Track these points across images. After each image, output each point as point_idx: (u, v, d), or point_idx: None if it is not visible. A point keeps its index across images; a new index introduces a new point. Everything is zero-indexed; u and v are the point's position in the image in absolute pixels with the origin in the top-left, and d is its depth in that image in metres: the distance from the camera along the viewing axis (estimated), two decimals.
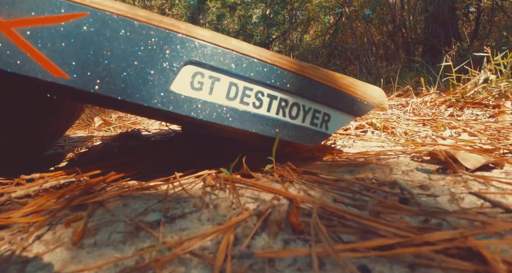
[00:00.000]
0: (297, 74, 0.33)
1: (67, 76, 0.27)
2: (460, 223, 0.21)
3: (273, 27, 13.32)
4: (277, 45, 14.43)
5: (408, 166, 0.40)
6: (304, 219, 0.23)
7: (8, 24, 0.25)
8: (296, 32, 11.89)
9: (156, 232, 0.24)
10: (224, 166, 0.39)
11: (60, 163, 0.54)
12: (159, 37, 0.28)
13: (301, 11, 9.93)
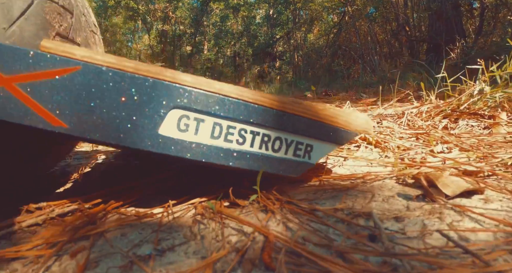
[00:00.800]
0: (278, 110, 0.35)
1: (65, 125, 0.29)
2: (415, 266, 0.23)
3: (277, 27, 13.33)
4: (281, 45, 14.43)
5: (391, 191, 0.41)
6: (276, 255, 0.25)
7: (9, 80, 0.28)
8: (300, 32, 11.88)
9: (147, 267, 0.27)
10: (214, 192, 0.42)
11: (66, 185, 0.57)
12: (146, 85, 0.30)
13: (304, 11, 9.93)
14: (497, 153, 0.54)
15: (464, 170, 0.45)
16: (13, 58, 0.28)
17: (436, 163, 0.52)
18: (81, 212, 0.38)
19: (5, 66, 0.28)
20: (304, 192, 0.42)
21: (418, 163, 0.52)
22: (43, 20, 0.41)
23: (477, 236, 0.28)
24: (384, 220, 0.32)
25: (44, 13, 0.42)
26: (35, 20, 0.40)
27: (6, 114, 0.28)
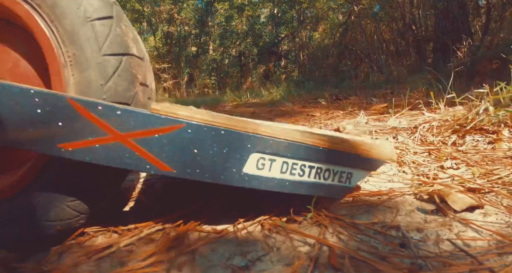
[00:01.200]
0: (329, 149, 0.47)
1: (172, 170, 0.42)
2: (434, 265, 0.35)
3: (282, 26, 13.40)
4: (286, 43, 14.49)
5: (411, 206, 0.53)
6: (339, 260, 0.38)
7: (126, 136, 0.40)
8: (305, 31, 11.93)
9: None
10: (271, 211, 0.54)
11: (129, 203, 0.70)
12: (235, 137, 0.43)
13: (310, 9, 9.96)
14: (497, 169, 0.66)
15: (469, 188, 0.57)
16: (128, 119, 0.40)
17: (446, 180, 0.63)
18: (167, 234, 0.51)
19: (121, 125, 0.40)
20: (344, 208, 0.54)
21: (431, 179, 0.64)
22: (131, 74, 0.52)
23: (476, 243, 0.40)
24: (409, 231, 0.44)
25: (131, 68, 0.53)
26: (125, 75, 0.51)
27: (124, 164, 0.40)
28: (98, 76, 0.44)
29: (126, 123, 0.40)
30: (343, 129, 1.18)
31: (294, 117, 1.89)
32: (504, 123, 0.91)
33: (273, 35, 13.62)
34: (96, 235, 0.51)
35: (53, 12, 0.43)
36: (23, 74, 0.49)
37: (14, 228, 0.44)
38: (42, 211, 0.44)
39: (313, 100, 3.45)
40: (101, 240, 0.50)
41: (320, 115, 1.92)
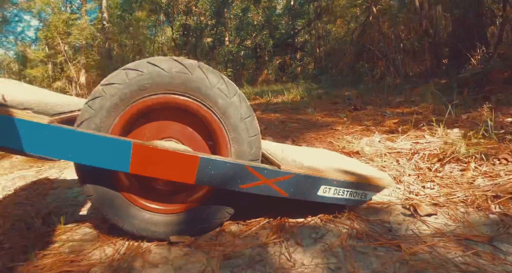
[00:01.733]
0: (357, 182, 0.96)
1: (286, 194, 0.91)
2: (403, 239, 0.84)
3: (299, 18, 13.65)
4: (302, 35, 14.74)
5: (398, 211, 1.02)
6: (360, 235, 0.87)
7: (270, 180, 0.90)
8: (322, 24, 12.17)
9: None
10: (324, 212, 1.04)
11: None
12: (314, 178, 0.91)
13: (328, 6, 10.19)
14: (456, 191, 1.14)
15: (433, 203, 1.06)
16: (270, 173, 0.89)
17: (422, 197, 1.12)
18: (273, 224, 1.01)
19: (268, 175, 0.89)
20: (362, 211, 1.04)
21: (414, 195, 1.13)
22: (259, 144, 0.99)
23: (424, 232, 0.89)
24: (394, 224, 0.94)
25: (259, 141, 1.01)
26: (258, 145, 0.93)
27: (266, 192, 0.90)
28: (247, 148, 0.92)
29: (268, 174, 0.89)
30: (361, 152, 1.67)
31: (321, 131, 2.36)
32: (473, 157, 1.37)
33: (290, 27, 13.93)
34: (231, 225, 1.02)
35: (224, 114, 0.91)
36: (195, 143, 0.97)
37: (198, 223, 0.95)
38: (214, 214, 0.94)
39: (333, 106, 3.90)
40: (236, 228, 1.01)
41: (341, 129, 2.40)
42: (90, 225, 1.11)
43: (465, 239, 0.84)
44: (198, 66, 0.85)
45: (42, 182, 1.76)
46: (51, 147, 0.77)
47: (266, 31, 13.76)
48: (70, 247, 0.96)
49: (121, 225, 0.90)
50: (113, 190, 0.87)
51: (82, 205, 1.38)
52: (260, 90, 9.13)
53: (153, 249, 0.90)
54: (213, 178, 0.83)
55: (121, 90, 0.81)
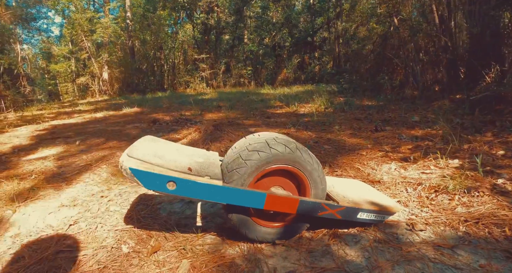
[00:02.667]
0: (380, 210, 1.76)
1: (341, 217, 1.72)
2: (402, 242, 1.65)
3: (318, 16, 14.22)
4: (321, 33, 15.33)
5: (403, 227, 1.83)
6: (380, 238, 1.68)
7: (333, 211, 1.70)
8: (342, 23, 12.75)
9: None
10: (358, 226, 1.84)
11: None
12: (356, 208, 1.71)
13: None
14: (441, 215, 1.93)
15: (425, 222, 1.86)
16: (334, 207, 1.69)
17: (419, 218, 1.92)
18: (328, 235, 1.83)
19: (332, 207, 1.69)
20: (380, 226, 1.84)
21: (415, 217, 1.93)
22: (325, 188, 1.82)
23: (413, 239, 1.69)
24: (399, 234, 1.74)
25: (326, 185, 1.82)
26: (324, 190, 1.80)
27: (329, 217, 1.70)
28: (320, 192, 1.72)
29: (332, 207, 1.70)
30: (381, 181, 2.47)
31: (349, 156, 3.15)
32: (458, 190, 2.15)
33: (309, 25, 14.53)
34: (305, 233, 1.85)
35: (310, 174, 1.68)
36: (289, 187, 1.77)
37: (290, 232, 1.76)
38: (299, 227, 1.76)
39: (356, 123, 4.66)
40: (309, 235, 1.83)
41: (366, 154, 3.19)
42: (213, 234, 1.90)
43: (437, 246, 1.63)
44: (297, 149, 1.65)
45: (144, 198, 2.47)
46: (221, 197, 1.56)
47: (285, 30, 14.41)
48: (211, 248, 1.77)
49: (250, 236, 1.72)
50: (247, 216, 1.70)
51: (193, 218, 2.19)
52: (281, 92, 9.87)
53: (264, 248, 1.73)
54: (304, 210, 1.65)
55: (257, 163, 1.61)
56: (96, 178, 3.03)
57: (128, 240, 1.85)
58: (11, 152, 4.24)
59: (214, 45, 14.11)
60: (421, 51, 7.51)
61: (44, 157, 3.87)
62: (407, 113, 4.92)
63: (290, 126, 4.74)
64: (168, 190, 1.50)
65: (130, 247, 1.77)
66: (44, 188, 2.76)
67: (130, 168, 1.45)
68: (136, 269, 1.58)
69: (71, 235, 1.91)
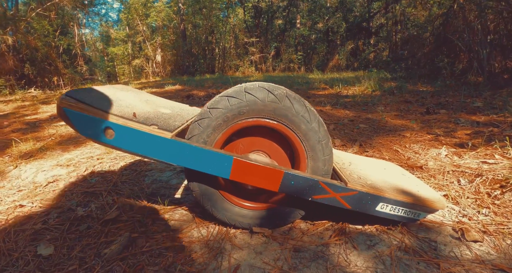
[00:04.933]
0: (412, 203, 1.13)
1: (350, 207, 1.12)
2: (447, 256, 1.01)
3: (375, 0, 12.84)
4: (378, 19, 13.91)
5: (447, 232, 1.17)
6: (408, 244, 1.05)
7: (336, 194, 1.11)
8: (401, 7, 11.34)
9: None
10: (381, 223, 1.23)
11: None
12: (374, 196, 1.11)
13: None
14: (510, 222, 1.23)
15: (482, 230, 1.18)
16: (337, 188, 1.10)
17: (475, 222, 1.24)
18: (335, 227, 1.23)
19: (336, 190, 1.11)
20: (413, 227, 1.20)
21: (467, 219, 1.25)
22: (332, 161, 1.23)
23: (465, 256, 1.03)
24: (439, 243, 1.09)
25: (332, 160, 1.23)
26: (330, 163, 1.21)
27: (333, 204, 1.12)
28: (322, 165, 1.14)
29: (337, 189, 1.11)
30: (425, 167, 1.77)
31: (388, 137, 2.46)
32: None
33: (365, 10, 13.21)
34: (300, 223, 1.27)
35: (305, 136, 1.13)
36: (278, 156, 1.22)
37: (276, 219, 1.21)
38: (288, 213, 1.19)
39: (405, 105, 3.84)
40: (304, 226, 1.26)
41: (410, 136, 2.46)
42: (186, 208, 1.44)
43: (500, 270, 0.97)
44: (286, 96, 1.07)
45: (138, 164, 2.18)
46: (171, 155, 1.06)
47: (339, 14, 13.29)
48: (174, 225, 1.30)
49: (216, 215, 1.20)
50: (213, 188, 1.17)
51: (175, 189, 1.74)
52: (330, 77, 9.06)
53: (238, 235, 1.20)
54: (293, 188, 1.08)
55: (224, 113, 1.08)
56: None
57: (92, 203, 1.54)
58: (46, 119, 4.37)
59: (265, 29, 13.49)
60: (490, 33, 6.21)
61: None
62: (468, 98, 3.96)
63: (327, 104, 4.06)
64: (106, 140, 1.05)
65: (87, 211, 1.45)
66: (53, 149, 2.72)
67: (63, 108, 1.01)
68: (77, 235, 1.26)
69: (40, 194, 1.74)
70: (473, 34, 6.21)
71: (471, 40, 6.15)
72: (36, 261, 1.09)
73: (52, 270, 1.04)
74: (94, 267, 1.04)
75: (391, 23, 11.58)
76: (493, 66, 5.76)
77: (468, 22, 6.30)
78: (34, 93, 8.18)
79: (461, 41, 6.32)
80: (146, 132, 1.04)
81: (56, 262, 1.08)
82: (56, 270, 1.04)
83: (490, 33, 6.15)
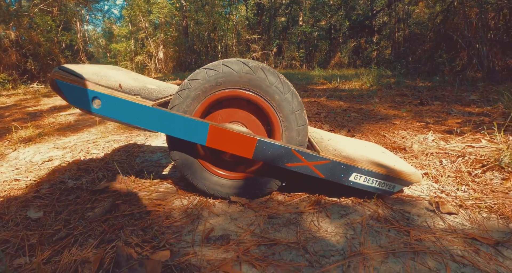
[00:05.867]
0: (386, 174, 1.14)
1: (323, 176, 1.14)
2: (421, 226, 1.02)
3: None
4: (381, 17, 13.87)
5: (423, 205, 1.18)
6: (382, 214, 1.07)
7: (309, 163, 1.13)
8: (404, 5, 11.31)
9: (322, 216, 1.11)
10: (355, 196, 1.24)
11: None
12: (347, 166, 1.12)
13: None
14: (488, 198, 1.24)
15: (459, 204, 1.19)
16: (311, 157, 1.12)
17: (452, 197, 1.25)
18: (312, 199, 1.25)
19: (309, 158, 1.12)
20: (388, 200, 1.22)
21: (444, 195, 1.26)
22: (306, 132, 1.25)
23: (438, 226, 1.05)
24: (415, 216, 1.11)
25: (306, 130, 1.25)
26: (304, 133, 1.23)
27: (306, 173, 1.13)
28: (296, 135, 1.16)
29: (309, 158, 1.13)
30: (409, 149, 1.78)
31: (378, 124, 2.47)
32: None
33: (368, 7, 13.17)
34: (278, 195, 1.29)
35: (279, 107, 1.15)
36: (255, 127, 1.24)
37: (253, 189, 1.23)
38: (266, 183, 1.22)
39: (400, 98, 3.84)
40: (281, 198, 1.28)
41: (399, 123, 2.47)
42: (171, 182, 1.47)
43: (472, 239, 0.98)
44: (260, 68, 1.09)
45: (132, 146, 2.24)
46: (152, 123, 1.10)
47: (342, 12, 13.25)
48: (157, 196, 1.33)
49: (196, 184, 1.23)
50: (192, 157, 1.20)
51: (164, 167, 1.77)
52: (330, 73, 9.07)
53: (217, 204, 1.22)
54: (266, 156, 1.10)
55: (202, 84, 1.10)
56: (102, 129, 2.99)
57: (83, 177, 1.58)
58: (48, 110, 4.49)
59: (267, 26, 13.49)
60: (490, 30, 6.18)
61: (71, 113, 4.06)
62: (464, 92, 3.95)
63: (322, 96, 4.07)
64: (93, 109, 1.12)
65: (78, 184, 1.49)
66: (52, 135, 2.78)
67: (55, 80, 1.09)
68: (65, 203, 1.30)
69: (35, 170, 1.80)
70: (474, 31, 6.18)
71: (472, 37, 6.12)
72: (25, 223, 1.15)
73: (39, 230, 1.08)
74: (77, 227, 1.08)
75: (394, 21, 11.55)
76: (492, 63, 5.74)
77: (468, 19, 6.28)
78: (36, 88, 8.25)
79: (461, 38, 6.30)
80: (130, 101, 1.07)
81: (43, 223, 1.14)
82: (42, 229, 1.09)
83: (490, 30, 6.12)
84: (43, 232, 1.06)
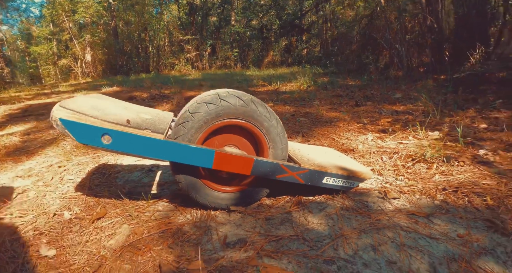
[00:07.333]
0: (348, 175, 1.53)
1: (304, 182, 1.49)
2: (371, 209, 1.43)
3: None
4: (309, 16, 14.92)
5: (374, 194, 1.61)
6: (347, 205, 1.46)
7: (293, 173, 1.47)
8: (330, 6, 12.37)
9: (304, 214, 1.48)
10: (325, 193, 1.62)
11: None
12: (321, 172, 1.48)
13: None
14: (417, 184, 1.72)
15: (399, 191, 1.64)
16: (294, 169, 1.46)
17: (394, 186, 1.70)
18: (293, 201, 1.59)
19: (293, 170, 1.46)
20: (350, 193, 1.62)
21: (388, 185, 1.71)
22: (287, 149, 1.58)
23: (385, 207, 1.47)
24: (369, 202, 1.52)
25: (287, 147, 1.58)
26: (286, 150, 1.56)
27: (290, 181, 1.47)
28: (280, 153, 1.48)
29: (293, 169, 1.46)
30: (355, 150, 2.24)
31: (325, 127, 2.93)
32: (437, 159, 1.94)
33: (297, 7, 14.08)
34: (266, 200, 1.61)
35: (267, 132, 1.45)
36: (246, 148, 1.53)
37: (247, 198, 1.53)
38: (257, 192, 1.52)
39: (337, 99, 4.42)
40: (269, 202, 1.60)
41: (342, 126, 2.96)
42: (166, 200, 1.67)
43: (411, 214, 1.42)
44: (251, 101, 1.39)
45: (104, 168, 2.29)
46: (164, 153, 1.31)
47: (273, 12, 13.95)
48: (160, 215, 1.53)
49: (199, 200, 1.48)
50: (196, 178, 1.45)
51: (149, 186, 1.95)
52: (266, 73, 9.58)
53: (218, 215, 1.49)
54: (261, 171, 1.40)
55: (205, 116, 1.36)
56: (58, 151, 2.90)
57: (74, 207, 1.65)
58: None
59: (200, 27, 13.58)
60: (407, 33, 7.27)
61: (11, 133, 3.70)
62: (390, 91, 4.70)
63: (269, 101, 4.47)
64: (103, 144, 1.25)
65: (74, 214, 1.58)
66: (4, 161, 2.61)
67: (60, 119, 1.19)
68: (74, 235, 1.38)
69: (13, 205, 1.74)
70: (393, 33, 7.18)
71: (392, 38, 7.10)
72: (44, 262, 1.19)
73: (66, 267, 1.19)
74: (104, 256, 1.22)
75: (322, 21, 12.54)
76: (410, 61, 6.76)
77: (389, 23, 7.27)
78: None
79: (384, 40, 7.27)
80: (143, 136, 1.27)
81: (62, 259, 1.21)
82: (62, 267, 1.17)
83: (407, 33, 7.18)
84: (73, 269, 1.21)
